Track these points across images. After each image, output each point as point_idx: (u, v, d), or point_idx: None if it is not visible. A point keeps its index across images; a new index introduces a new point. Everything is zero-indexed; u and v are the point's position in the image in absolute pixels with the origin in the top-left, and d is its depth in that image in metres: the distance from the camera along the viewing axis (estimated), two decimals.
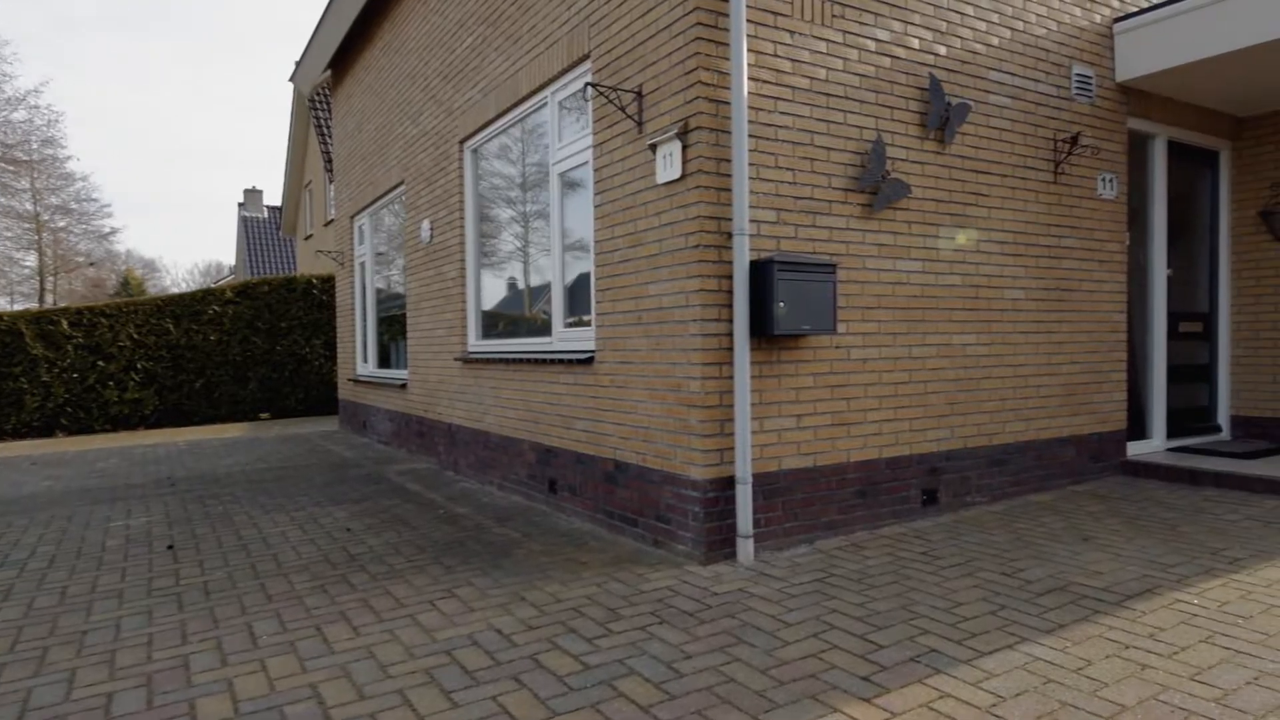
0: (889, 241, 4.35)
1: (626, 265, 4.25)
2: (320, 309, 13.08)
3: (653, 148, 3.97)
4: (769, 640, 2.80)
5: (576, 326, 5.01)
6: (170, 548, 4.39)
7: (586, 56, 4.61)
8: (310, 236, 21.30)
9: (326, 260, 16.62)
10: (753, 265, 3.76)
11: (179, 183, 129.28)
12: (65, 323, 11.26)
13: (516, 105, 5.53)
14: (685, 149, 3.76)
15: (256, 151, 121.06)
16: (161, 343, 11.85)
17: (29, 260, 31.56)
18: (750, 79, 3.82)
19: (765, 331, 3.73)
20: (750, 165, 3.82)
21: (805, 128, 4.02)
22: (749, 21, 3.81)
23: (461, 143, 6.44)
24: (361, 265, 9.96)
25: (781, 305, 3.68)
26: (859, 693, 2.39)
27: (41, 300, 32.01)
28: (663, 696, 2.39)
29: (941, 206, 4.56)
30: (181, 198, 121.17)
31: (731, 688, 2.44)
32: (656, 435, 4.03)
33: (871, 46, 4.26)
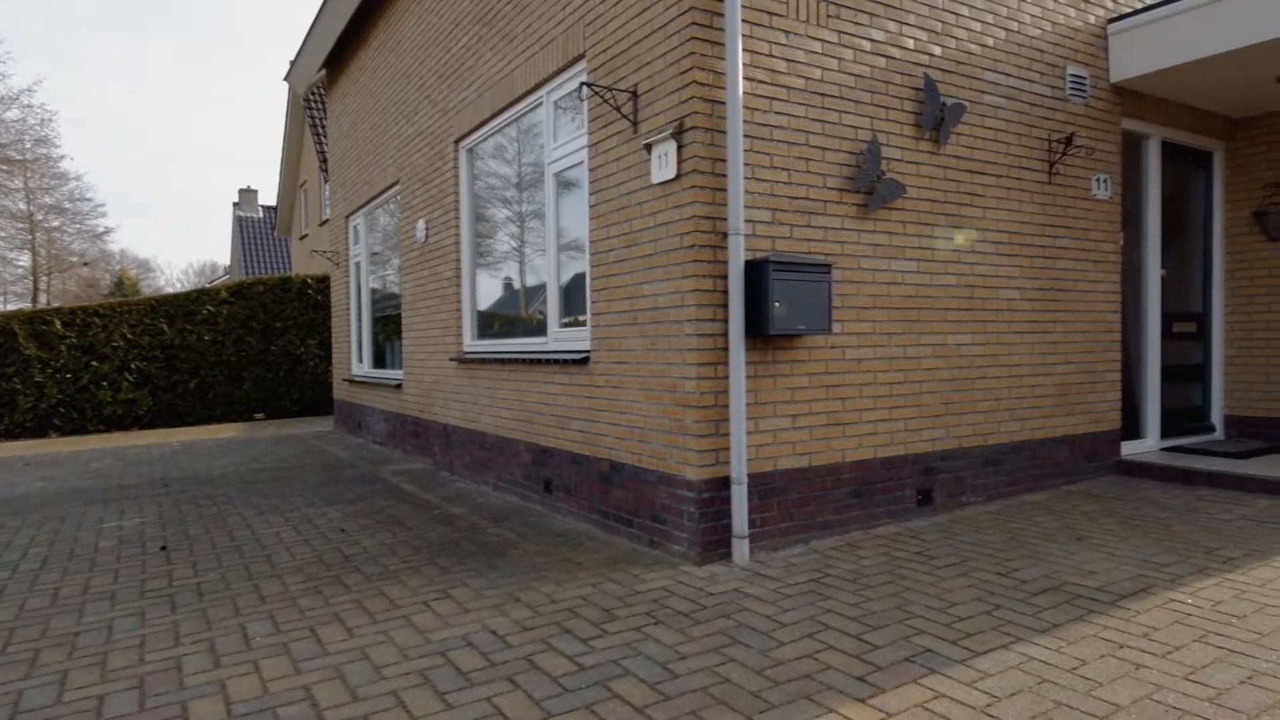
0: (884, 241, 4.35)
1: (622, 265, 4.24)
2: (315, 309, 13.04)
3: (648, 147, 3.96)
4: (764, 641, 2.80)
5: (572, 326, 5.01)
6: (163, 549, 4.38)
7: (582, 56, 4.61)
8: (305, 236, 21.24)
9: (322, 260, 16.58)
10: (748, 265, 3.75)
11: (178, 183, 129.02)
12: (58, 323, 11.21)
13: (512, 105, 5.52)
14: (680, 149, 3.76)
15: (253, 152, 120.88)
16: (155, 343, 11.81)
17: (22, 260, 31.46)
18: (745, 79, 3.82)
19: (760, 331, 3.73)
20: (745, 165, 3.82)
21: (800, 128, 4.02)
22: (744, 21, 3.81)
23: (456, 142, 6.42)
24: (357, 265, 9.94)
25: (777, 305, 3.68)
26: (854, 693, 2.38)
27: (35, 300, 31.88)
28: (657, 697, 2.39)
29: (936, 207, 4.57)
30: (181, 198, 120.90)
31: (726, 688, 2.44)
32: (652, 435, 4.03)
33: (866, 47, 4.26)
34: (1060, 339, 5.27)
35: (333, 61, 10.21)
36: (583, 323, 4.82)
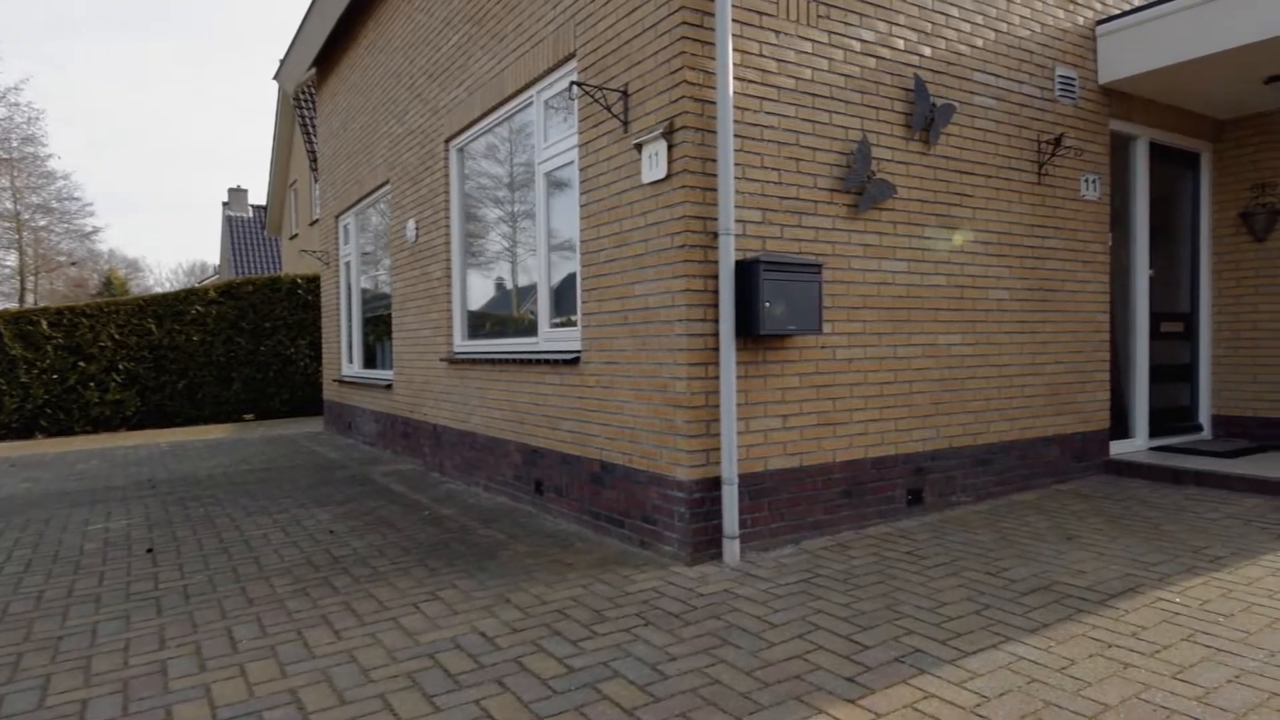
0: (874, 242, 4.35)
1: (612, 265, 4.23)
2: (305, 309, 12.98)
3: (638, 147, 3.95)
4: (754, 641, 2.79)
5: (563, 327, 4.99)
6: (150, 551, 4.34)
7: (572, 55, 4.59)
8: (295, 236, 21.13)
9: (312, 260, 16.51)
10: (738, 265, 3.75)
11: (170, 183, 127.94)
12: (45, 323, 11.11)
13: (502, 104, 5.50)
14: (671, 148, 3.75)
15: (245, 151, 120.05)
16: (144, 343, 11.72)
17: (9, 260, 31.17)
18: (736, 79, 3.81)
19: (751, 331, 3.72)
20: (736, 165, 3.81)
21: (791, 128, 4.02)
22: (734, 21, 3.81)
23: (447, 141, 6.40)
24: (347, 265, 9.89)
25: (767, 305, 3.67)
26: (844, 694, 2.38)
27: (22, 300, 31.60)
28: (647, 699, 2.38)
29: (927, 207, 4.57)
30: (173, 198, 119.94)
31: (716, 689, 2.43)
32: (642, 436, 4.02)
33: (857, 47, 4.26)
34: (1049, 339, 5.29)
35: (323, 60, 10.16)
36: (574, 323, 4.80)
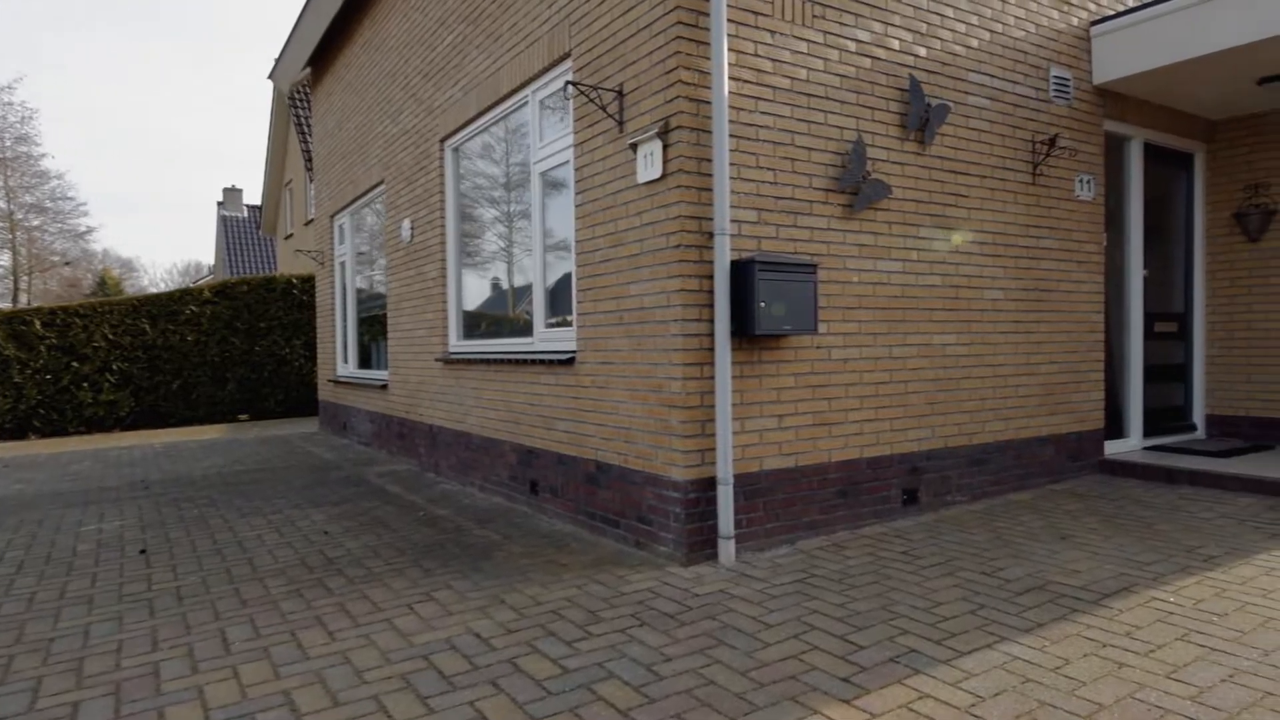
0: (870, 242, 4.36)
1: (608, 265, 4.23)
2: (300, 309, 12.94)
3: (633, 147, 3.95)
4: (749, 642, 2.79)
5: (558, 327, 4.98)
6: (143, 552, 4.32)
7: (567, 55, 4.59)
8: (290, 236, 21.08)
9: (307, 260, 16.46)
10: (734, 265, 3.75)
11: (167, 183, 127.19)
12: (38, 323, 11.06)
13: (498, 104, 5.49)
14: (666, 148, 3.74)
15: (242, 151, 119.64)
16: (137, 343, 11.67)
17: (2, 260, 31.05)
18: (731, 78, 3.81)
19: (746, 331, 3.72)
20: (731, 165, 3.81)
21: (786, 128, 4.02)
22: (730, 21, 3.80)
23: (442, 141, 6.38)
24: (342, 265, 9.86)
25: (762, 305, 3.67)
26: (839, 694, 2.38)
27: (15, 300, 31.45)
28: (642, 700, 2.37)
29: (922, 207, 4.58)
30: (170, 198, 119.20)
31: (711, 690, 2.42)
32: (638, 436, 4.01)
33: (852, 47, 4.26)
34: (1044, 339, 5.30)
35: (317, 59, 10.13)
36: (569, 323, 4.80)
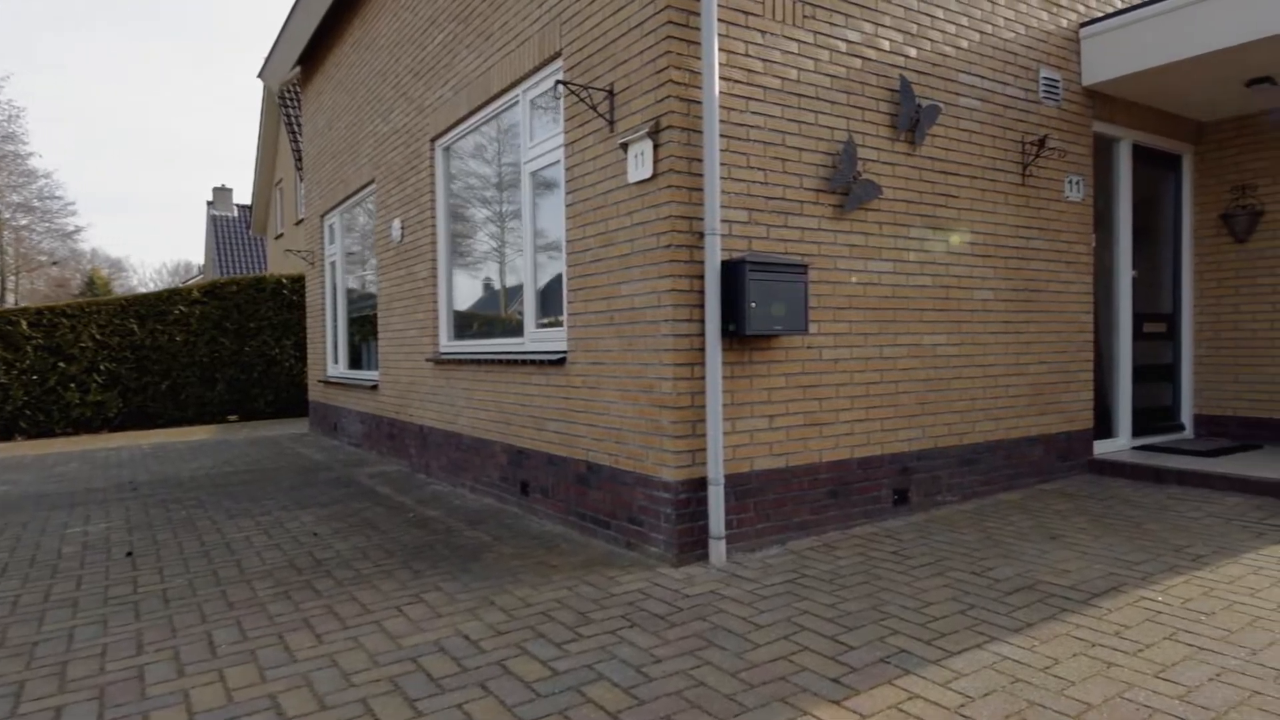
0: (860, 242, 4.36)
1: (598, 265, 4.21)
2: (290, 309, 12.87)
3: (624, 147, 3.94)
4: (740, 643, 2.78)
5: (549, 327, 4.97)
6: (129, 554, 4.28)
7: (558, 54, 4.57)
8: (281, 235, 20.97)
9: (297, 259, 16.38)
10: (724, 265, 3.74)
11: (161, 183, 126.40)
12: (24, 323, 10.95)
13: (488, 103, 5.47)
14: (657, 148, 3.74)
15: (239, 151, 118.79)
16: (125, 344, 11.58)
17: None
18: (722, 78, 3.81)
19: (737, 332, 3.71)
20: (722, 165, 3.80)
21: (777, 128, 4.02)
22: (720, 21, 3.80)
23: (433, 141, 6.36)
24: (332, 265, 9.81)
25: (753, 305, 3.67)
26: (829, 695, 2.37)
27: (2, 300, 31.17)
28: (631, 702, 2.36)
29: (912, 208, 4.58)
30: (163, 198, 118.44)
31: (701, 691, 2.42)
32: (629, 436, 4.00)
33: (842, 48, 4.27)
34: (1034, 339, 5.32)
35: (308, 58, 10.07)
36: (560, 323, 4.78)
